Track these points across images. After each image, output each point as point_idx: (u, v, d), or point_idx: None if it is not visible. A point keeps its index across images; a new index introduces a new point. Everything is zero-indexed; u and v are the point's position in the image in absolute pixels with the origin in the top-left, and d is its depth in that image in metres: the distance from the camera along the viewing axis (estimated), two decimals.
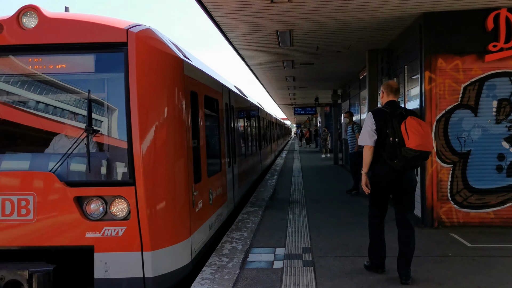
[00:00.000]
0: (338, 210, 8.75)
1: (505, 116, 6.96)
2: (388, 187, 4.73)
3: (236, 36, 8.73)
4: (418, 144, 4.35)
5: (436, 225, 7.03)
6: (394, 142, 4.46)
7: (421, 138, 4.35)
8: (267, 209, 8.89)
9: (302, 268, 5.19)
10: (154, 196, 4.49)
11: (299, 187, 12.14)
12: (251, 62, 12.03)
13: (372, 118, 4.72)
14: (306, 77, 15.50)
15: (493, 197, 6.99)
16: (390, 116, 4.57)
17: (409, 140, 4.36)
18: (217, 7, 6.71)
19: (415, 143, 4.34)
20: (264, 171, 16.65)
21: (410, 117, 4.47)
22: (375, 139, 4.66)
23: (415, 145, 4.35)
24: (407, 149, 4.39)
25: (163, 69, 4.72)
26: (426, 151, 4.45)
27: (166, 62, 4.78)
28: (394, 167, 4.55)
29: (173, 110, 4.74)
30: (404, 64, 8.35)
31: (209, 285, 4.68)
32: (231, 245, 6.23)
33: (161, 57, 4.73)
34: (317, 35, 8.80)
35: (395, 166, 4.53)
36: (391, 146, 4.49)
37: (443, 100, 7.03)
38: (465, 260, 5.41)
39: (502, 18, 6.75)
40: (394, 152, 4.48)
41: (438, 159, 7.03)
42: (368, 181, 4.82)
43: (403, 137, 4.41)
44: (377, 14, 7.27)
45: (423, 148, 4.39)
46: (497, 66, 6.92)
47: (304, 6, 6.77)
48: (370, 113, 4.84)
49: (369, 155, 4.72)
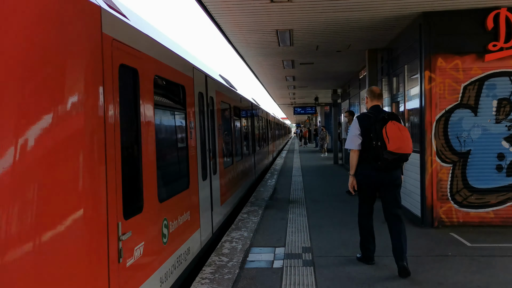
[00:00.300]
0: (338, 209, 8.75)
1: (505, 115, 6.96)
2: (374, 186, 5.06)
3: (236, 35, 8.73)
4: (397, 148, 4.69)
5: (436, 224, 7.04)
6: (377, 145, 4.79)
7: (400, 142, 4.69)
8: (267, 209, 8.89)
9: (302, 268, 5.19)
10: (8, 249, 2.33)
11: (299, 187, 12.14)
12: (251, 62, 12.03)
13: (357, 124, 5.03)
14: (306, 77, 15.50)
15: (493, 196, 6.99)
16: (373, 120, 4.87)
17: (390, 144, 4.69)
18: (217, 6, 6.70)
19: (394, 147, 4.68)
20: (260, 176, 15.32)
21: (391, 122, 4.77)
22: (360, 143, 4.99)
23: (394, 148, 4.69)
24: (388, 152, 4.71)
25: (44, 18, 2.64)
26: (405, 153, 4.76)
27: (53, 5, 2.69)
28: (378, 168, 4.87)
29: (71, 94, 2.72)
30: (404, 63, 8.35)
31: (209, 285, 4.68)
32: (231, 244, 6.23)
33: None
34: (317, 35, 8.80)
35: (379, 167, 4.86)
36: (375, 149, 4.81)
37: (443, 100, 7.03)
38: (465, 259, 5.41)
39: (502, 17, 6.75)
40: (378, 155, 4.80)
41: (438, 158, 7.03)
42: (356, 182, 5.13)
43: (384, 141, 4.72)
44: (377, 14, 7.27)
45: (402, 151, 4.72)
46: (497, 66, 6.92)
47: (304, 6, 6.77)
48: (355, 118, 5.15)
49: (355, 159, 5.06)
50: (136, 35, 3.78)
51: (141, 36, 3.92)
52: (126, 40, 3.52)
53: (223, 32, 8.32)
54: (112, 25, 3.26)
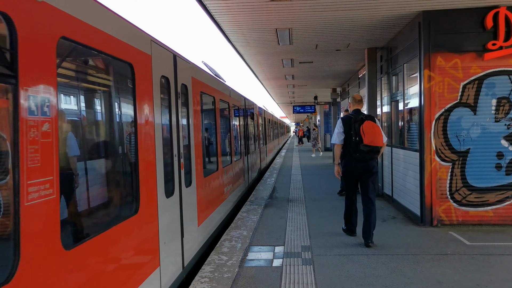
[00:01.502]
0: (337, 208, 8.74)
1: (504, 114, 6.96)
2: (355, 174, 6.20)
3: (235, 34, 8.72)
4: (371, 141, 5.90)
5: (435, 223, 7.04)
6: (355, 140, 5.99)
7: (373, 137, 5.90)
8: (266, 208, 8.90)
9: (302, 266, 5.20)
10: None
11: (298, 186, 12.14)
12: (250, 61, 12.02)
13: (341, 123, 6.25)
14: (305, 76, 15.49)
15: (492, 195, 7.00)
16: (353, 121, 6.07)
17: (365, 138, 5.89)
18: (216, 5, 6.70)
19: (368, 140, 5.89)
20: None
21: (367, 121, 5.97)
22: (342, 138, 6.20)
23: (368, 142, 5.89)
24: (364, 145, 5.89)
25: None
26: (376, 146, 5.94)
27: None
28: (357, 159, 6.04)
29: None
30: (403, 62, 8.35)
31: (209, 284, 4.68)
32: (230, 243, 6.23)
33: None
34: (316, 34, 8.79)
35: (357, 158, 6.04)
36: (354, 143, 6.00)
37: (442, 98, 7.03)
38: (464, 258, 5.42)
39: (501, 16, 6.75)
40: (356, 148, 5.99)
41: (437, 157, 7.03)
42: (340, 171, 6.35)
43: (361, 136, 5.89)
44: (376, 12, 7.27)
45: (375, 143, 5.92)
46: (496, 65, 6.92)
47: (303, 5, 6.77)
48: (340, 119, 6.35)
49: (339, 151, 6.30)
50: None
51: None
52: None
53: (223, 31, 8.31)
54: None
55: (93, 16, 3.07)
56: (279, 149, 35.64)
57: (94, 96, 3.52)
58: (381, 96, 10.29)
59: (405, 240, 6.24)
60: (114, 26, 3.40)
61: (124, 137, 3.79)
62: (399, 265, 5.20)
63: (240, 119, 10.86)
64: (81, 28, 2.91)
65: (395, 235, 6.53)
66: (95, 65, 3.50)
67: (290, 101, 30.09)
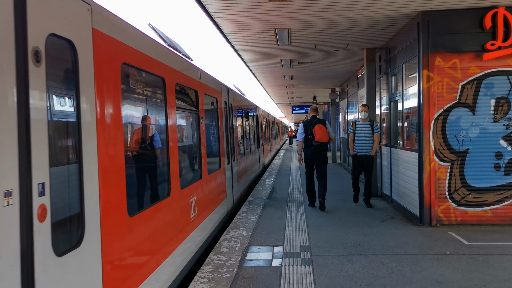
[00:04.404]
0: (336, 208, 8.76)
1: (503, 114, 6.97)
2: (312, 160, 8.67)
3: (234, 34, 8.72)
4: (319, 138, 8.41)
5: (434, 223, 7.05)
6: (310, 138, 8.52)
7: (320, 135, 8.41)
8: (265, 208, 8.90)
9: (301, 267, 5.20)
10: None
11: (297, 186, 12.14)
12: (249, 61, 12.01)
13: (302, 126, 8.74)
14: (304, 76, 15.49)
15: (490, 195, 7.01)
16: (309, 124, 8.58)
17: (316, 136, 8.41)
18: (215, 5, 6.69)
19: (317, 137, 8.41)
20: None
21: (317, 125, 8.46)
22: (303, 137, 8.69)
23: (317, 139, 8.41)
24: (315, 141, 8.44)
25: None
26: (323, 142, 8.44)
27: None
28: (312, 151, 8.55)
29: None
30: (402, 62, 8.36)
31: (208, 284, 4.68)
32: (230, 243, 6.23)
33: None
34: (315, 34, 8.80)
35: (312, 150, 8.55)
36: (309, 140, 8.54)
37: (441, 99, 7.04)
38: (463, 258, 5.42)
39: (500, 16, 6.76)
40: (311, 143, 8.52)
41: (436, 157, 7.04)
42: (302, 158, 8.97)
43: (314, 135, 8.41)
44: (375, 13, 7.27)
45: (322, 140, 8.42)
46: (495, 65, 6.93)
47: (302, 5, 6.77)
48: (302, 123, 8.85)
49: (301, 145, 8.96)
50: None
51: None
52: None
53: (222, 31, 8.31)
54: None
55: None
56: (278, 148, 35.62)
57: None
58: (380, 96, 10.30)
59: (404, 240, 6.25)
60: (216, 84, 7.40)
61: (215, 135, 7.57)
62: (398, 265, 5.20)
63: (254, 119, 14.84)
64: (209, 88, 6.88)
65: (394, 235, 6.53)
66: (210, 103, 7.28)
67: (289, 101, 30.08)
